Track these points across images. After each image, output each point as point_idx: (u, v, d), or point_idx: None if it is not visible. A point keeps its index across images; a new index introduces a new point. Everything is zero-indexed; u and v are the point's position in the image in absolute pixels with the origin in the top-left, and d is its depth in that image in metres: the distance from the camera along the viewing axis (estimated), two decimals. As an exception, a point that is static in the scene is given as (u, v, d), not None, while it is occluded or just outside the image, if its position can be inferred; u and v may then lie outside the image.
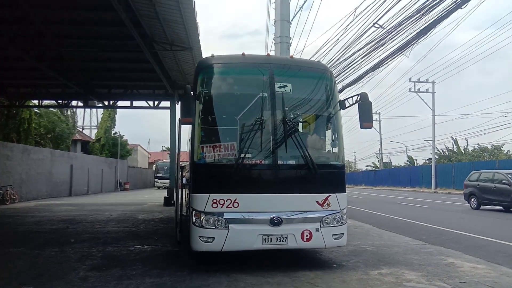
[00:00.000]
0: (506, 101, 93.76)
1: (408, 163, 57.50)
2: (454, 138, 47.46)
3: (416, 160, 56.79)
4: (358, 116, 5.95)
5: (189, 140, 6.46)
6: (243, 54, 6.31)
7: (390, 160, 67.09)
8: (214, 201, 5.53)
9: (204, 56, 12.70)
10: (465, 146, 47.40)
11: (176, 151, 7.63)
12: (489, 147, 45.01)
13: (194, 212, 5.63)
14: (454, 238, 9.42)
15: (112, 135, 42.07)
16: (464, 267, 6.15)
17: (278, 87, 5.93)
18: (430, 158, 42.47)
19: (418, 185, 43.00)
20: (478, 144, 46.64)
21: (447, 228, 11.05)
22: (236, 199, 5.56)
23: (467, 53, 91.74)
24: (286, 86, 5.98)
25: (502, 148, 44.11)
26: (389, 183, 50.78)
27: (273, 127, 5.79)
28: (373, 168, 65.93)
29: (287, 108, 5.97)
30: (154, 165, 52.50)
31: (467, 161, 40.89)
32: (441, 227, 11.31)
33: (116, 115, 42.74)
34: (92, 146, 40.22)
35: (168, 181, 27.90)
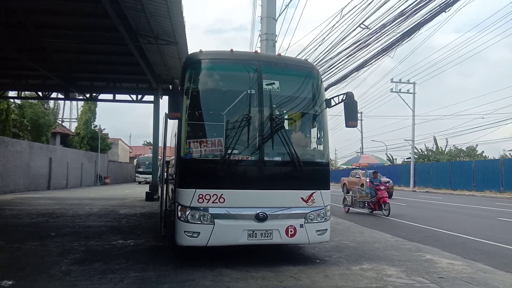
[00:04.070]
0: (484, 103, 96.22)
1: (388, 162, 58.34)
2: (435, 138, 48.45)
3: (396, 159, 57.80)
4: (340, 114, 6.12)
5: (175, 135, 6.46)
6: (232, 50, 6.32)
7: (370, 158, 67.89)
8: (200, 196, 5.56)
9: (190, 51, 12.71)
10: (444, 147, 48.50)
11: (162, 146, 7.60)
12: (464, 149, 46.26)
13: (179, 207, 5.64)
14: (432, 236, 9.68)
15: (93, 128, 41.36)
16: (442, 263, 6.35)
17: (266, 84, 5.98)
18: (409, 158, 43.29)
19: (397, 184, 43.74)
20: (453, 145, 47.86)
21: (425, 225, 11.34)
22: (222, 194, 5.60)
23: (447, 55, 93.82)
24: (273, 83, 6.03)
25: (476, 150, 45.42)
26: (369, 181, 51.48)
27: (260, 124, 5.84)
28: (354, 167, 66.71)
29: (274, 105, 6.03)
30: (135, 160, 51.85)
31: (445, 161, 41.87)
32: (420, 224, 11.60)
33: (96, 108, 42.00)
34: (72, 139, 39.46)
35: (149, 176, 27.65)
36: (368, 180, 15.27)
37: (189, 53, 9.91)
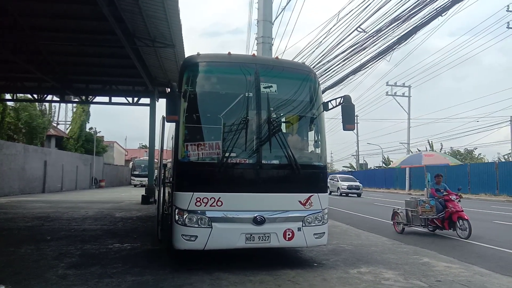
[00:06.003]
0: (477, 106, 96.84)
1: (383, 165, 58.61)
2: (430, 141, 48.64)
3: (392, 161, 57.95)
4: (335, 118, 6.18)
5: (172, 138, 6.43)
6: (229, 53, 6.32)
7: (366, 161, 68.33)
8: (198, 199, 5.53)
9: (186, 54, 12.70)
10: (439, 150, 48.63)
11: (159, 149, 7.57)
12: (462, 151, 46.51)
13: (177, 210, 5.61)
14: (429, 239, 9.69)
15: (87, 130, 41.10)
16: (439, 266, 6.35)
17: (264, 87, 5.98)
18: (405, 160, 43.37)
19: (392, 187, 43.94)
20: (451, 147, 48.06)
21: (422, 228, 11.32)
22: (219, 197, 5.58)
23: (442, 59, 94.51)
24: (271, 86, 6.03)
25: (474, 152, 45.71)
26: (364, 184, 51.36)
27: (258, 127, 5.83)
28: (350, 169, 66.95)
29: (271, 108, 6.02)
30: (130, 163, 51.67)
31: (440, 164, 41.96)
32: (417, 227, 11.57)
33: (90, 109, 41.63)
34: (67, 142, 39.21)
35: (145, 179, 27.52)
36: (429, 187, 11.09)
37: (185, 56, 9.91)
